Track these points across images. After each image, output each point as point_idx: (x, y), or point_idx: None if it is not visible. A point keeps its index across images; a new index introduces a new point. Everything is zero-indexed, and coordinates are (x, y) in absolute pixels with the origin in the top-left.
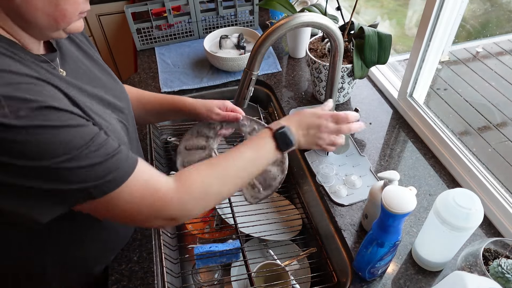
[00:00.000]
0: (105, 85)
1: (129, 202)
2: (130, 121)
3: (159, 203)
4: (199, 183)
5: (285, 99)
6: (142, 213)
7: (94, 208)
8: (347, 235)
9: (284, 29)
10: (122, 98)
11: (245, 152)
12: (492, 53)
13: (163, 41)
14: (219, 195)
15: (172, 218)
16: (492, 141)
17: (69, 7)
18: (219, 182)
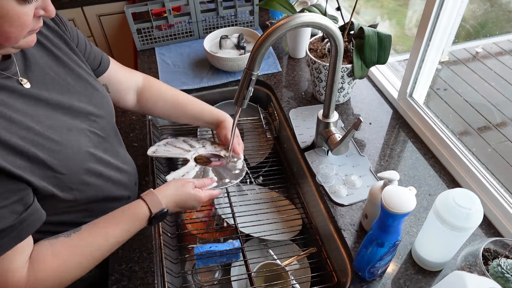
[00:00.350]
0: (78, 92)
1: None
2: (109, 128)
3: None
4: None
5: (285, 99)
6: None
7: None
8: (347, 235)
9: (284, 29)
10: (101, 105)
11: (115, 234)
12: (491, 53)
13: (163, 41)
14: (73, 280)
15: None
16: (492, 141)
17: (14, 30)
18: (78, 270)
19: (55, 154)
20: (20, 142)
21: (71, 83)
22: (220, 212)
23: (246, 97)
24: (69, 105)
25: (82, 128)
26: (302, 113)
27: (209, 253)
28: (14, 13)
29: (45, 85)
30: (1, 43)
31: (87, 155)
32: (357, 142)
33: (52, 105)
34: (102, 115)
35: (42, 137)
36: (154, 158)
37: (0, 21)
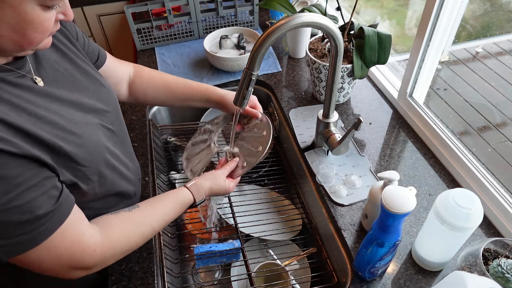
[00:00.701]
0: (87, 89)
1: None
2: (117, 123)
3: (82, 256)
4: (123, 240)
5: (285, 99)
6: (62, 266)
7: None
8: (347, 235)
9: (284, 29)
10: (108, 100)
11: (167, 213)
12: (492, 53)
13: (163, 41)
14: (135, 248)
15: (89, 268)
16: (492, 141)
17: (37, 35)
18: (141, 239)
19: (78, 148)
20: (48, 135)
21: (79, 79)
22: (220, 212)
23: (246, 97)
24: (80, 102)
25: (96, 123)
26: (302, 113)
27: (209, 253)
28: (38, 19)
29: (55, 82)
30: (24, 47)
31: (104, 148)
32: (357, 142)
33: (66, 102)
34: (110, 110)
35: (65, 131)
36: (154, 158)
37: (26, 27)
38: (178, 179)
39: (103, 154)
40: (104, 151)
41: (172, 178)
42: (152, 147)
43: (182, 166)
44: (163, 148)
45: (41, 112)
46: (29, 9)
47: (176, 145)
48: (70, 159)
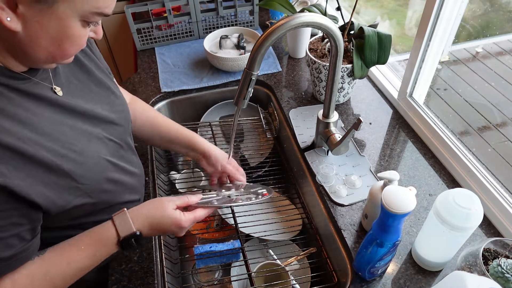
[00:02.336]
0: (101, 100)
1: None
2: (125, 134)
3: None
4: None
5: (285, 99)
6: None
7: None
8: (347, 235)
9: (284, 29)
10: (120, 112)
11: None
12: (492, 53)
13: (163, 41)
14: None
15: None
16: (492, 141)
17: (72, 48)
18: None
19: (79, 165)
20: (47, 155)
21: (94, 90)
22: (220, 212)
23: (246, 97)
24: (93, 114)
25: (101, 136)
26: (302, 113)
27: (209, 253)
28: (78, 34)
29: (70, 93)
30: (57, 59)
31: (106, 164)
32: (357, 142)
33: (77, 113)
34: (121, 123)
35: (67, 149)
36: (154, 158)
37: (65, 40)
38: (178, 179)
39: (104, 171)
40: (106, 167)
41: (172, 178)
42: (152, 147)
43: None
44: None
45: (48, 126)
46: (72, 23)
47: None
48: (70, 177)
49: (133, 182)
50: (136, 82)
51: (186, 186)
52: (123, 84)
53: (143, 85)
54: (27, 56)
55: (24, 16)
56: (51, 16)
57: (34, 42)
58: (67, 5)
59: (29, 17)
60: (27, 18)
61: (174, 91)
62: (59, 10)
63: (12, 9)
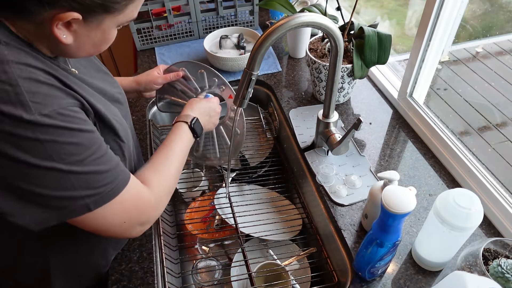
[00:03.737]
0: (103, 81)
1: (121, 211)
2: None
3: (144, 207)
4: (163, 184)
5: (285, 99)
6: (129, 220)
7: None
8: (347, 235)
9: (284, 29)
10: (120, 92)
11: (178, 147)
12: (492, 53)
13: (163, 41)
14: (173, 189)
15: (148, 221)
16: (492, 141)
17: (106, 47)
18: (173, 178)
19: (118, 123)
20: (99, 105)
21: (95, 74)
22: (220, 212)
23: (246, 97)
24: (104, 92)
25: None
26: (302, 113)
27: None
28: (113, 37)
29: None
30: (91, 55)
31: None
32: (357, 142)
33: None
34: (123, 103)
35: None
36: None
37: (104, 43)
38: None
39: (131, 136)
40: (130, 136)
41: None
42: (152, 147)
43: None
44: None
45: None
46: (112, 31)
47: None
48: (113, 132)
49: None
50: None
51: (186, 186)
52: None
53: None
54: (68, 56)
55: (76, 32)
56: (97, 29)
57: (80, 49)
58: (111, 19)
59: (81, 32)
60: (79, 33)
61: None
62: (104, 24)
63: (66, 28)
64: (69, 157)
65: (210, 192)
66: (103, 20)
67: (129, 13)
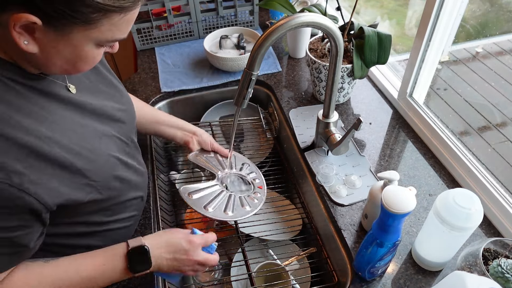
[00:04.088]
0: (108, 98)
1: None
2: (131, 133)
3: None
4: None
5: (285, 99)
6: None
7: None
8: (347, 235)
9: (284, 29)
10: (128, 111)
11: (87, 268)
12: (492, 53)
13: (163, 41)
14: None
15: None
16: (492, 141)
17: (86, 66)
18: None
19: (90, 163)
20: (61, 153)
21: (102, 89)
22: None
23: (246, 97)
24: (102, 112)
25: (110, 134)
26: (302, 113)
27: None
28: (92, 55)
29: (82, 91)
30: (71, 73)
31: (115, 161)
32: (357, 142)
33: (88, 111)
34: (128, 121)
35: (80, 146)
36: (154, 158)
37: (78, 61)
38: (178, 179)
39: (113, 168)
40: (115, 165)
41: (172, 178)
42: (152, 147)
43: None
44: (163, 148)
45: (60, 125)
46: (87, 48)
47: (176, 145)
48: (82, 175)
49: (137, 179)
50: (136, 82)
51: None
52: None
53: (143, 85)
54: (43, 68)
55: (41, 40)
56: (66, 42)
57: (50, 61)
58: (82, 35)
59: (45, 42)
60: (44, 42)
61: (174, 91)
62: (74, 38)
63: (29, 34)
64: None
65: None
66: (71, 32)
67: (106, 31)
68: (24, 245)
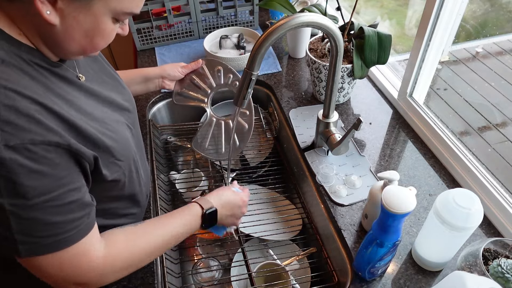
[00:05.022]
0: (113, 89)
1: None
2: (135, 121)
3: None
4: (126, 256)
5: (285, 99)
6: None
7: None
8: (347, 235)
9: (284, 29)
10: (130, 101)
11: (174, 226)
12: (492, 53)
13: (163, 41)
14: (140, 266)
15: (86, 284)
16: (492, 141)
17: (103, 42)
18: (144, 255)
19: (115, 142)
20: (93, 131)
21: (106, 80)
22: None
23: (246, 97)
24: (111, 100)
25: (122, 121)
26: (302, 113)
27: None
28: (109, 29)
29: (90, 81)
30: (87, 51)
31: (131, 145)
32: (357, 142)
33: (100, 98)
34: (132, 110)
35: (104, 127)
36: (154, 158)
37: (97, 34)
38: (178, 179)
39: (132, 151)
40: (132, 148)
41: (172, 178)
42: (152, 147)
43: None
44: (163, 148)
45: (86, 107)
46: (105, 20)
47: (176, 145)
48: (110, 153)
49: (143, 174)
50: None
51: (186, 186)
52: None
53: None
54: (60, 48)
55: (63, 11)
56: (87, 12)
57: (69, 35)
58: (102, 3)
59: (67, 12)
60: (65, 12)
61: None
62: (95, 7)
63: (51, 4)
64: (16, 199)
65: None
66: (92, 1)
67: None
68: (90, 203)
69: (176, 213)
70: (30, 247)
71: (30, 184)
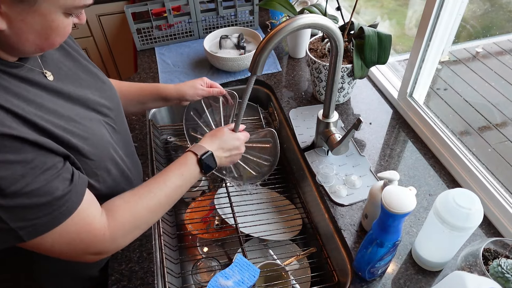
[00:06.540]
0: (89, 86)
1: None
2: (119, 121)
3: (92, 240)
4: (130, 217)
5: (285, 99)
6: (74, 250)
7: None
8: (347, 235)
9: (285, 32)
10: (110, 97)
11: (171, 179)
12: (492, 53)
13: (163, 41)
14: (149, 224)
15: (101, 253)
16: (492, 141)
17: (59, 38)
18: (148, 212)
19: (85, 140)
20: (55, 129)
21: (82, 76)
22: (220, 212)
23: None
24: (85, 99)
25: (98, 119)
26: (302, 113)
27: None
28: (62, 25)
29: (61, 79)
30: (44, 49)
31: (108, 143)
32: (357, 142)
33: (72, 98)
34: (112, 107)
35: (72, 125)
36: (154, 158)
37: (50, 33)
38: None
39: (108, 149)
40: (109, 146)
41: None
42: (152, 147)
43: None
44: (163, 148)
45: (49, 105)
46: (55, 17)
47: (176, 145)
48: (77, 152)
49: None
50: (136, 82)
51: None
52: None
53: None
54: (16, 49)
55: (8, 15)
56: (34, 13)
57: (21, 38)
58: (49, 3)
59: (13, 16)
60: (11, 17)
61: None
62: (41, 7)
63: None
64: None
65: (210, 192)
66: (36, 3)
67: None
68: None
69: (171, 166)
70: (30, 230)
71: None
